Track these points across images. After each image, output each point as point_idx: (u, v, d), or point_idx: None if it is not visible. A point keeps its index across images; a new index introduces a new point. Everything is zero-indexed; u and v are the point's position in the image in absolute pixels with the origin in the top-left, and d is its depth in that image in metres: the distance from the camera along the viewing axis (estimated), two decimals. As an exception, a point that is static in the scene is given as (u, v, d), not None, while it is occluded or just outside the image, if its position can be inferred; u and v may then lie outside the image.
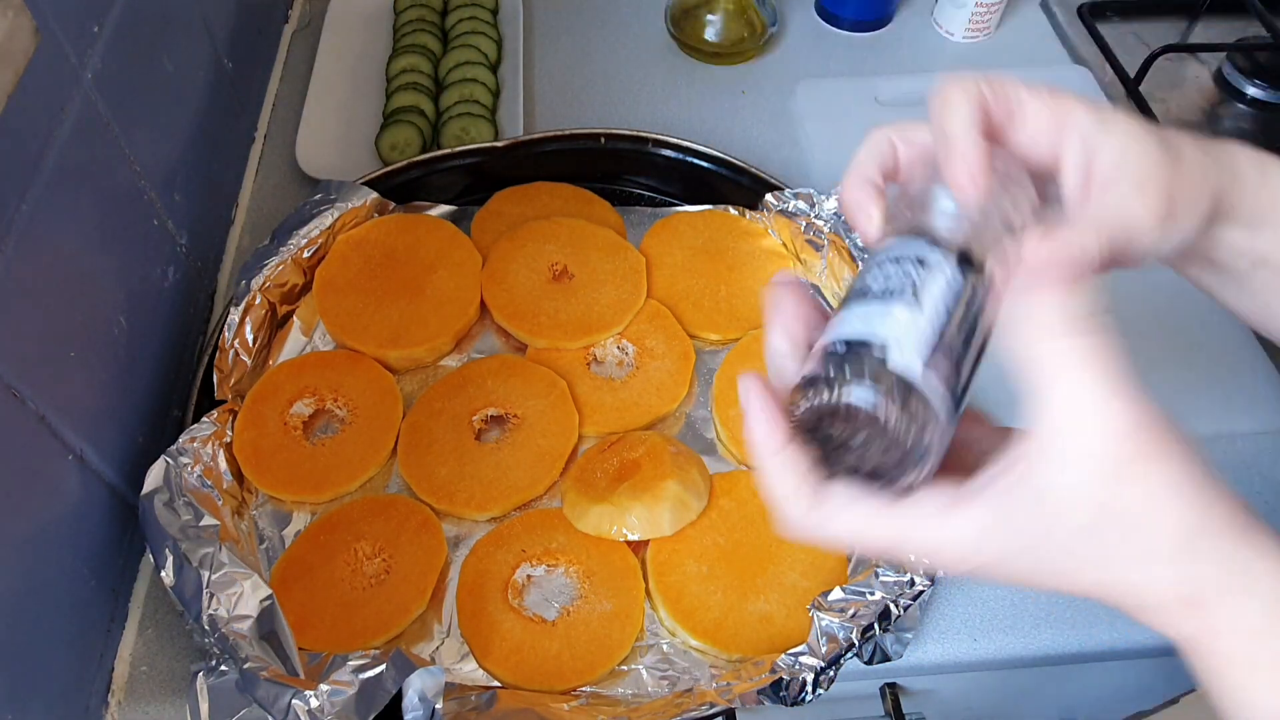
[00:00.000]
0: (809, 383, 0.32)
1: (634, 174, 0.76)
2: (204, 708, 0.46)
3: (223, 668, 0.47)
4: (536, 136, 0.74)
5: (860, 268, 0.54)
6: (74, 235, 0.50)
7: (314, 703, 0.45)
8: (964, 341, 0.33)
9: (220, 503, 0.55)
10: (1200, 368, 0.68)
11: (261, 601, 0.49)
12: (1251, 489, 0.63)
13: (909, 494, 0.32)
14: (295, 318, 0.67)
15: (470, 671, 0.54)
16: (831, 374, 0.32)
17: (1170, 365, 0.68)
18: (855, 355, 0.32)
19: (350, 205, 0.68)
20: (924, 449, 0.31)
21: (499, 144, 0.74)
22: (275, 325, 0.66)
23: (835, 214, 0.67)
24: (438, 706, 0.45)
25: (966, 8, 0.91)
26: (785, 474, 0.33)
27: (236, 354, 0.61)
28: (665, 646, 0.55)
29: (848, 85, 0.88)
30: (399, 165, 0.72)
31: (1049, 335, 0.30)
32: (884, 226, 0.36)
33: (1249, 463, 0.65)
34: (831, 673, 0.50)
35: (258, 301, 0.63)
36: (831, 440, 0.32)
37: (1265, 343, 0.70)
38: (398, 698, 0.46)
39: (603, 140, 0.75)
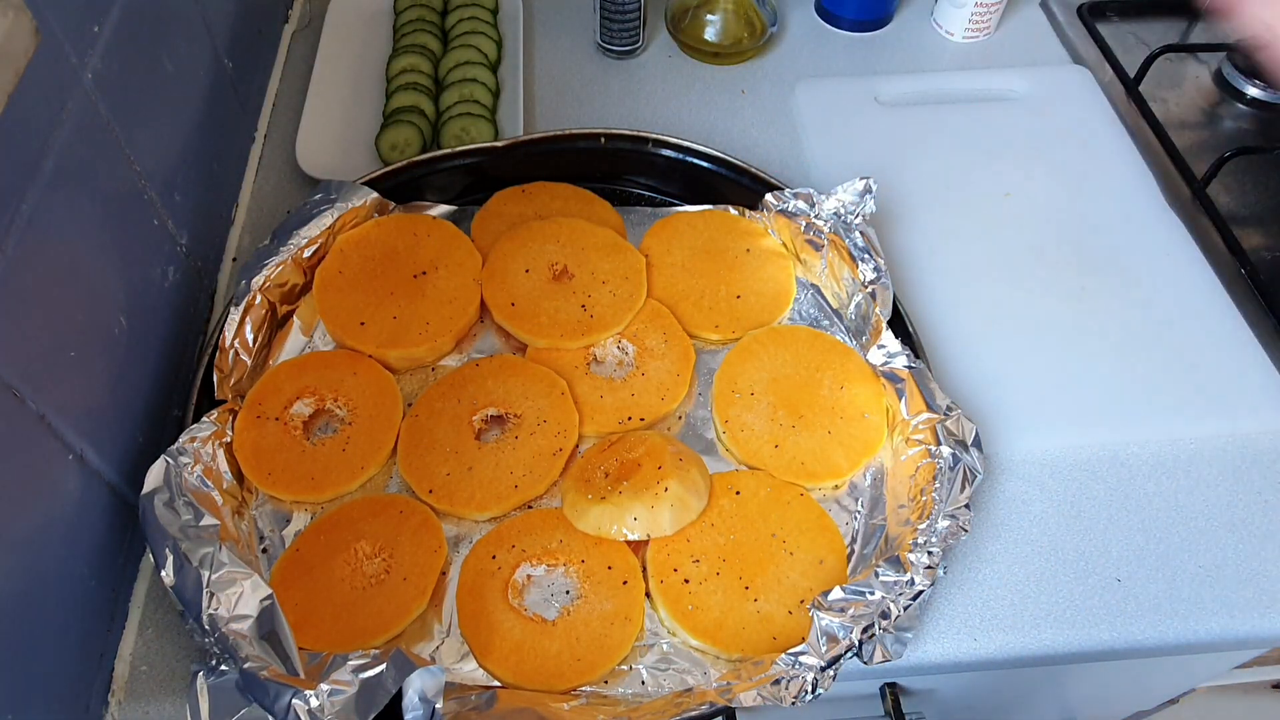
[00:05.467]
0: None
1: (634, 174, 0.76)
2: (204, 708, 0.46)
3: (223, 668, 0.47)
4: (536, 136, 0.75)
5: None
6: (74, 235, 0.50)
7: (314, 702, 0.45)
8: None
9: (220, 503, 0.55)
10: (1200, 368, 0.68)
11: (261, 601, 0.49)
12: (1251, 489, 0.64)
13: None
14: (295, 318, 0.67)
15: (470, 671, 0.54)
16: None
17: (1171, 365, 0.68)
18: None
19: (350, 205, 0.68)
20: None
21: (499, 144, 0.74)
22: (275, 325, 0.66)
23: (835, 214, 0.67)
24: (438, 706, 0.45)
25: (966, 8, 0.91)
26: None
27: (236, 354, 0.61)
28: (665, 646, 0.55)
29: (848, 85, 0.88)
30: (399, 165, 0.72)
31: None
32: None
33: (1249, 463, 0.65)
34: (831, 673, 0.50)
35: (258, 301, 0.63)
36: None
37: (1265, 343, 0.70)
38: (398, 698, 0.46)
39: (603, 140, 0.75)
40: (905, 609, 0.51)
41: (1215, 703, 1.21)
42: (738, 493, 0.59)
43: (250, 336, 0.62)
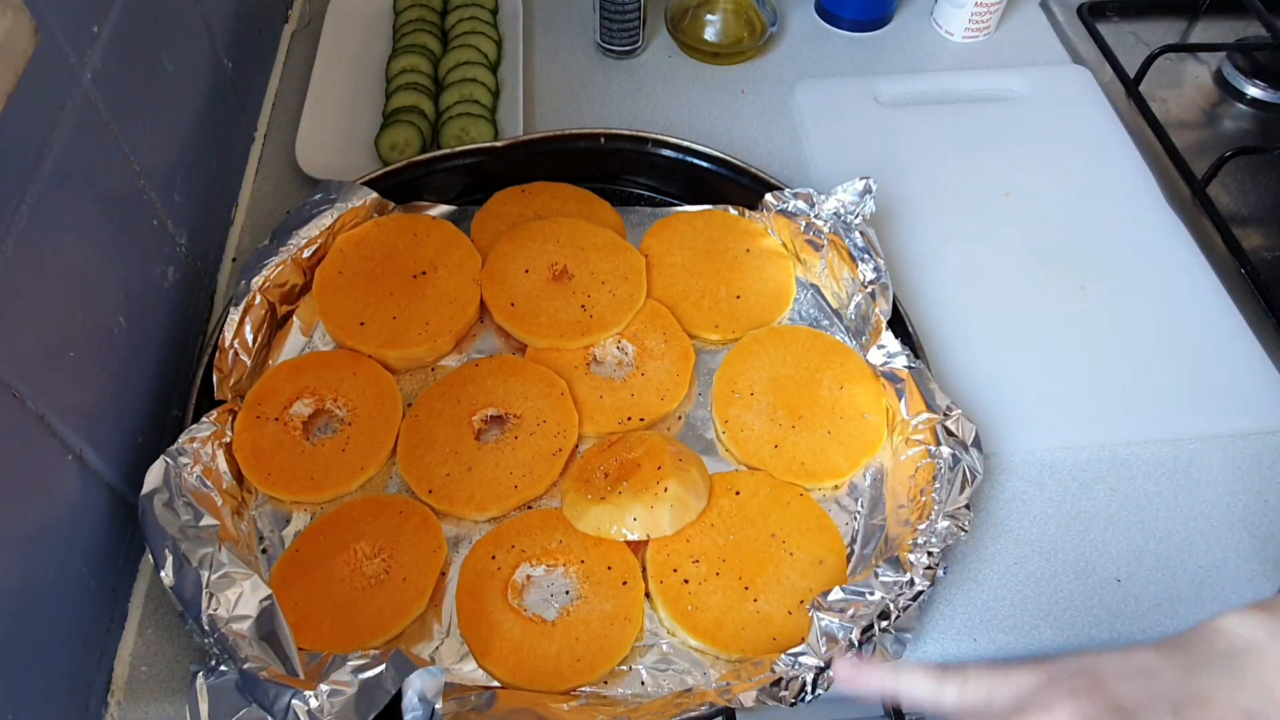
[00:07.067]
0: None
1: (634, 174, 0.76)
2: (204, 708, 0.46)
3: (222, 668, 0.47)
4: (536, 136, 0.75)
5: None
6: (74, 235, 0.50)
7: (314, 703, 0.45)
8: None
9: (220, 503, 0.55)
10: (1200, 368, 0.68)
11: (261, 601, 0.49)
12: (1251, 489, 0.63)
13: None
14: (295, 318, 0.67)
15: (470, 671, 0.54)
16: None
17: (1170, 365, 0.68)
18: None
19: (350, 205, 0.68)
20: None
21: (499, 144, 0.74)
22: (275, 325, 0.66)
23: (835, 214, 0.67)
24: (437, 706, 0.45)
25: (966, 7, 0.91)
26: None
27: (236, 354, 0.61)
28: (665, 646, 0.55)
29: (848, 85, 0.88)
30: (399, 165, 0.72)
31: None
32: None
33: (1249, 463, 0.65)
34: (831, 673, 0.50)
35: (257, 301, 0.63)
36: None
37: (1265, 343, 0.70)
38: (397, 698, 0.46)
39: (603, 140, 0.75)
40: (905, 609, 0.51)
41: (1215, 703, 1.20)
42: (737, 493, 0.59)
43: (250, 336, 0.62)
